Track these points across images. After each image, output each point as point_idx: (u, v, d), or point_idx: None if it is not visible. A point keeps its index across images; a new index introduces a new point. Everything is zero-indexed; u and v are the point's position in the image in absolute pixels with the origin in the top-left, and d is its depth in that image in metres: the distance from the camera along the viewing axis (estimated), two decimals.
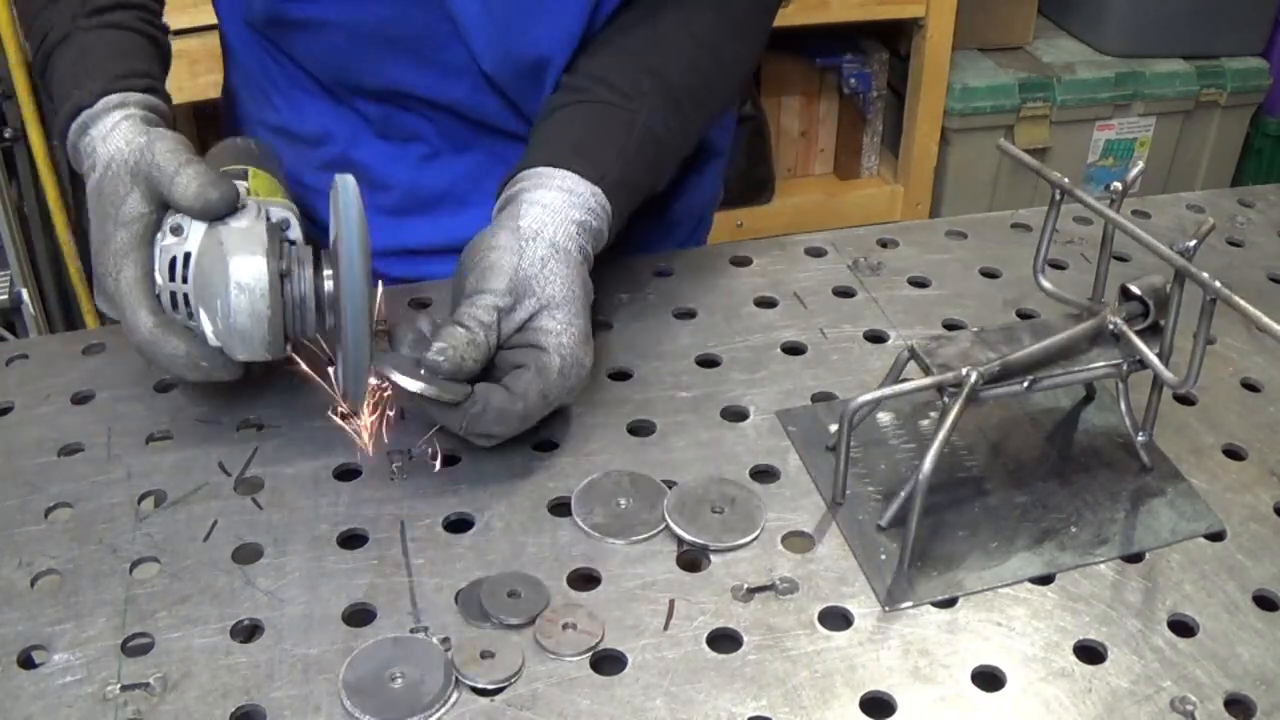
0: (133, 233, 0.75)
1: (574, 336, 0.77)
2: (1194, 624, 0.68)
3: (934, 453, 0.69)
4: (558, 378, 0.76)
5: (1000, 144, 0.87)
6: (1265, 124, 2.64)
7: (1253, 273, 1.02)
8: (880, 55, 2.46)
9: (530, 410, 0.76)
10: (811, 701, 0.63)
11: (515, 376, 0.76)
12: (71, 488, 0.76)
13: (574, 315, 0.78)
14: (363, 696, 0.62)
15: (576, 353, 0.77)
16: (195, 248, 0.74)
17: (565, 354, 0.77)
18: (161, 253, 0.74)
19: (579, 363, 0.78)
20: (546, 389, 0.76)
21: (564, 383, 0.77)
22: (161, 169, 0.74)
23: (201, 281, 0.73)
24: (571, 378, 0.77)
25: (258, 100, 1.02)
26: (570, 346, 0.77)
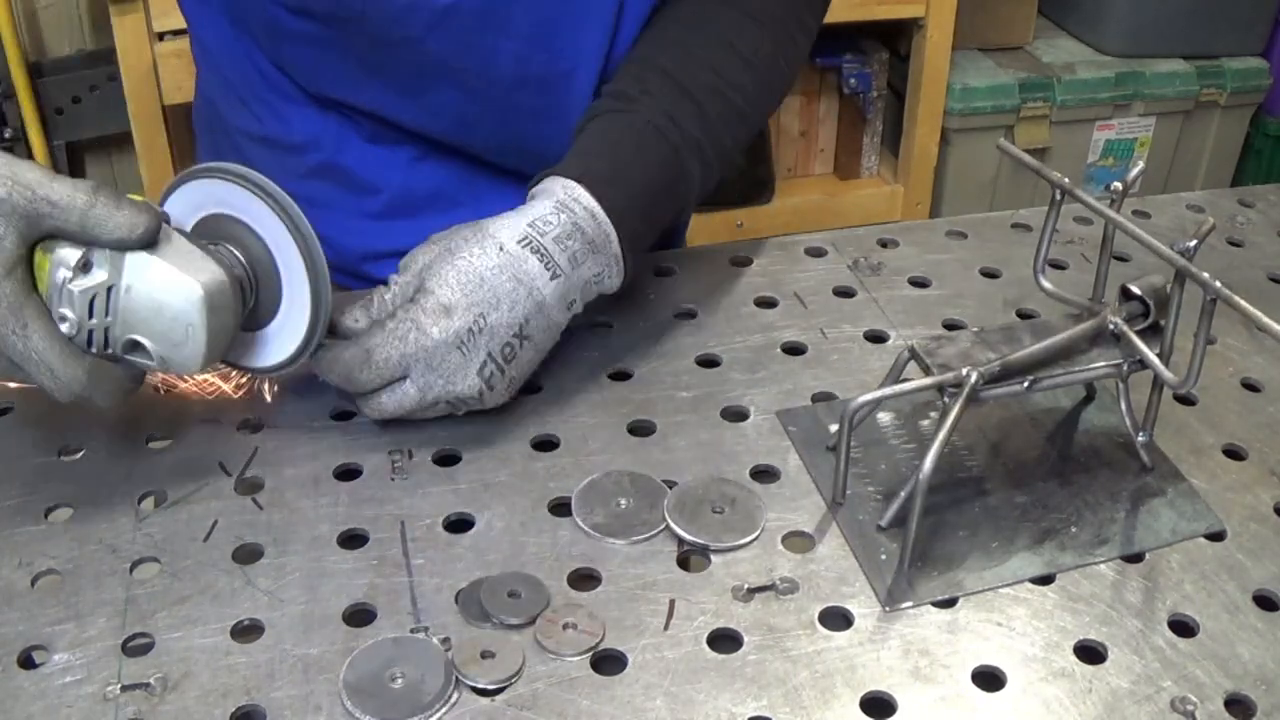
0: (18, 279, 0.66)
1: (423, 304, 0.76)
2: (1194, 624, 0.68)
3: (934, 453, 0.69)
4: (386, 335, 0.75)
5: (1000, 144, 0.87)
6: (1265, 124, 2.64)
7: (1253, 273, 1.02)
8: (880, 55, 2.46)
9: (348, 359, 0.76)
10: (812, 701, 0.63)
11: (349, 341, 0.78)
12: (71, 488, 0.76)
13: (438, 285, 0.76)
14: (363, 696, 0.62)
15: (419, 318, 0.75)
16: (120, 279, 0.69)
17: (406, 316, 0.76)
18: (73, 294, 0.68)
19: (418, 327, 0.75)
20: (371, 344, 0.76)
21: (394, 343, 0.75)
22: (59, 205, 0.66)
23: (141, 311, 0.70)
24: (408, 342, 0.75)
25: (236, 109, 1.01)
26: (414, 311, 0.76)
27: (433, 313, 0.76)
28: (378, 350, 0.76)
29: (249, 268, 0.75)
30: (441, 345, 0.76)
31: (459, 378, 0.77)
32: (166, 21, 1.92)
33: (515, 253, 0.78)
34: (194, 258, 0.71)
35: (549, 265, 0.79)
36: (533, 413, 0.83)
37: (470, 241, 0.78)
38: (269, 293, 0.76)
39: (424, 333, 0.75)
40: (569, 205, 0.81)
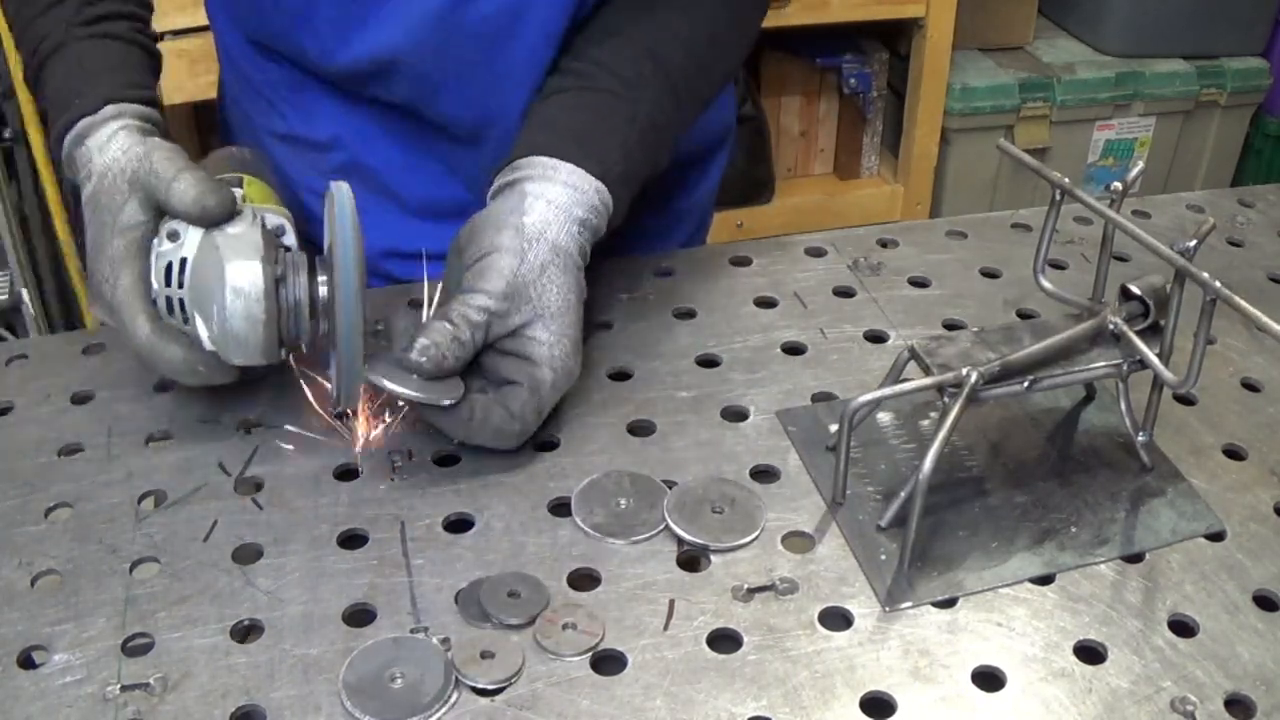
0: (129, 240, 0.75)
1: (565, 348, 0.79)
2: (1194, 624, 0.68)
3: (934, 453, 0.69)
4: (550, 392, 0.78)
5: (1000, 144, 0.87)
6: (1265, 124, 2.64)
7: (1253, 273, 1.02)
8: (880, 55, 2.46)
9: (527, 428, 0.78)
10: (811, 701, 0.63)
11: (511, 395, 0.77)
12: (71, 488, 0.76)
13: (568, 326, 0.79)
14: (363, 696, 0.62)
15: (568, 364, 0.79)
16: (192, 253, 0.74)
17: (558, 366, 0.78)
18: (158, 259, 0.75)
19: (569, 373, 0.79)
20: (541, 405, 0.78)
21: (556, 395, 0.79)
22: (159, 176, 0.75)
23: (197, 286, 0.74)
24: (563, 389, 0.79)
25: (261, 108, 1.01)
26: (562, 359, 0.78)
27: (574, 355, 0.80)
28: (546, 405, 0.79)
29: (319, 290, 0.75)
30: (578, 375, 0.81)
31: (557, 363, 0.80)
32: (167, 21, 1.91)
33: (579, 262, 0.82)
34: (245, 246, 0.73)
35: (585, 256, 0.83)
36: None
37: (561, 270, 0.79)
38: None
39: (573, 375, 0.80)
40: (601, 211, 0.83)
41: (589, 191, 0.82)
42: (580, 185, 0.82)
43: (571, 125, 0.86)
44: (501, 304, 0.77)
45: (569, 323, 0.79)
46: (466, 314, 0.76)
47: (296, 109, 0.99)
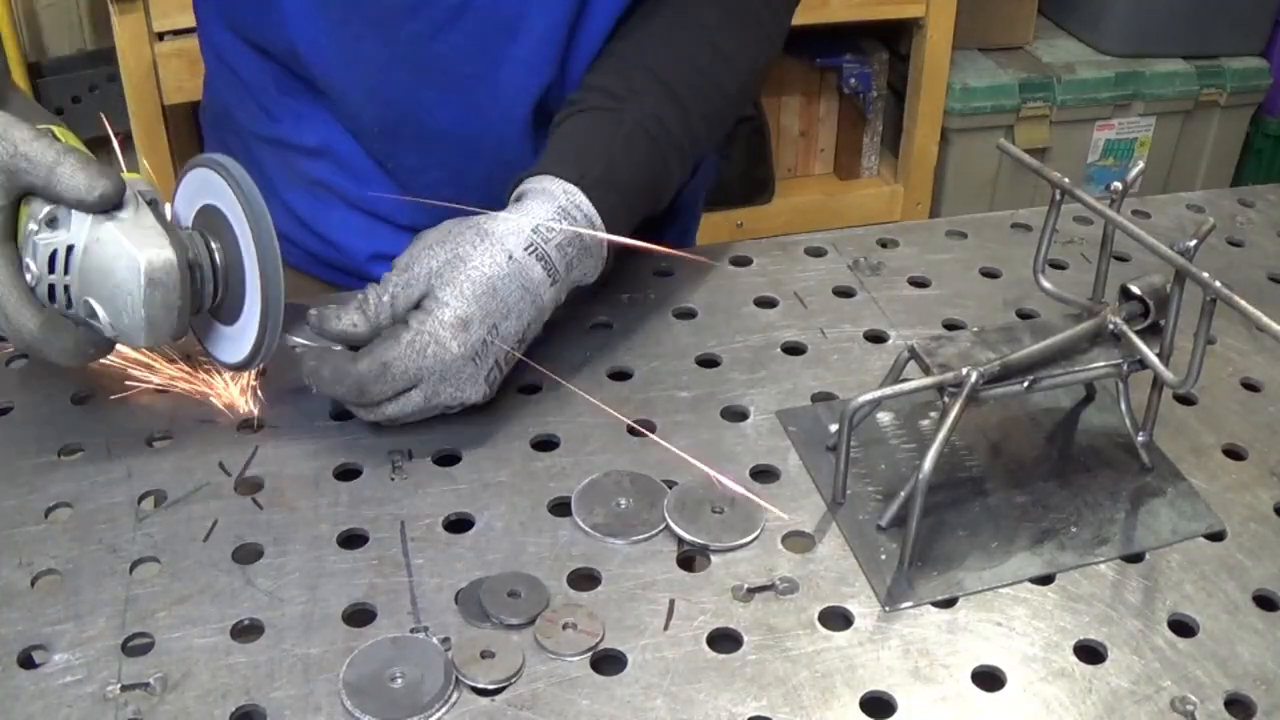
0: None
1: (440, 317, 0.75)
2: (1194, 624, 0.68)
3: (934, 453, 0.69)
4: (404, 349, 0.75)
5: (1000, 144, 0.87)
6: (1265, 124, 2.64)
7: (1253, 273, 1.02)
8: (880, 55, 2.46)
9: (363, 372, 0.75)
10: (811, 701, 0.63)
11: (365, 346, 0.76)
12: (71, 488, 0.76)
13: (455, 297, 0.76)
14: (363, 696, 0.62)
15: (438, 332, 0.75)
16: (80, 240, 0.71)
17: (423, 329, 0.75)
18: (37, 247, 0.72)
19: (437, 341, 0.75)
20: (389, 357, 0.75)
21: (412, 356, 0.75)
22: (32, 160, 0.70)
23: (94, 275, 0.72)
24: (427, 356, 0.75)
25: (248, 107, 1.01)
26: (432, 324, 0.75)
27: (452, 327, 0.76)
28: (396, 364, 0.75)
29: (217, 260, 0.76)
30: (459, 359, 0.76)
31: (469, 386, 0.77)
32: (166, 21, 1.92)
33: (522, 260, 0.78)
34: (150, 233, 0.72)
35: (550, 272, 0.80)
36: (533, 413, 0.83)
37: (479, 249, 0.77)
38: (236, 290, 0.76)
39: (444, 347, 0.75)
40: (570, 212, 0.81)
41: (556, 194, 0.81)
42: (549, 189, 0.81)
43: (556, 147, 0.86)
44: (401, 275, 0.77)
45: (459, 294, 0.76)
46: (371, 287, 0.77)
47: (285, 112, 0.99)
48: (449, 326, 0.76)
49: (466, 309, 0.76)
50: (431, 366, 0.76)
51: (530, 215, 0.80)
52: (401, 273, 0.77)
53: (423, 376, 0.76)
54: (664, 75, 0.90)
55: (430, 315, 0.76)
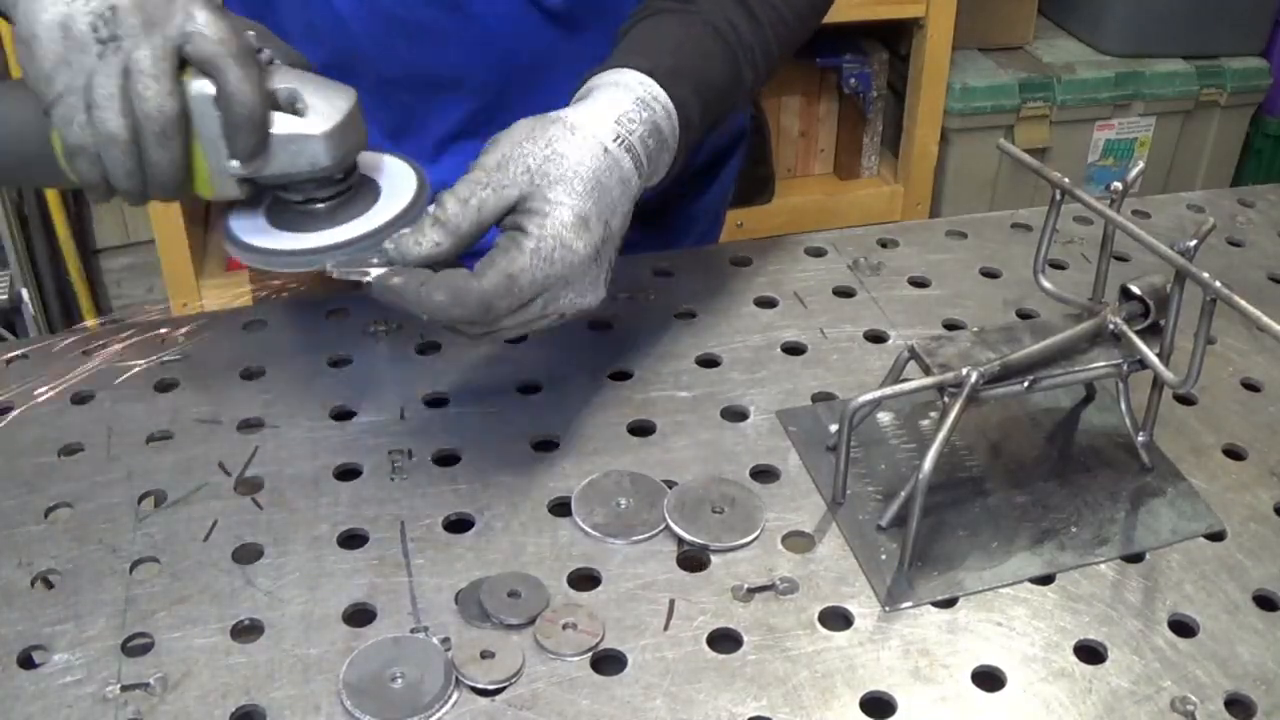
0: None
1: (560, 218, 0.70)
2: (1194, 624, 0.68)
3: (934, 453, 0.69)
4: (529, 257, 0.69)
5: (1000, 144, 0.87)
6: (1265, 124, 2.64)
7: (1253, 273, 1.02)
8: (880, 55, 2.46)
9: (489, 290, 0.68)
10: (812, 701, 0.63)
11: (484, 260, 0.70)
12: (71, 488, 0.76)
13: (567, 194, 0.70)
14: (363, 696, 0.62)
15: (561, 234, 0.69)
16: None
17: (544, 233, 0.69)
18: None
19: (563, 244, 0.69)
20: (515, 269, 0.69)
21: (539, 265, 0.69)
22: None
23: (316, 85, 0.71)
24: (556, 263, 0.70)
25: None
26: (554, 226, 0.69)
27: (574, 227, 0.70)
28: (523, 275, 0.68)
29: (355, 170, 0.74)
30: (585, 260, 0.71)
31: (590, 290, 0.72)
32: None
33: (616, 153, 0.73)
34: None
35: (638, 165, 0.75)
36: (533, 413, 0.83)
37: (574, 144, 0.72)
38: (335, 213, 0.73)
39: (570, 249, 0.70)
40: (649, 103, 0.76)
41: (631, 84, 0.76)
42: (622, 80, 0.76)
43: (622, 46, 0.83)
44: (495, 174, 0.70)
45: (570, 191, 0.70)
46: (455, 192, 0.70)
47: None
48: (571, 227, 0.70)
49: (583, 206, 0.71)
50: (560, 272, 0.70)
51: (611, 106, 0.75)
52: (492, 173, 0.71)
53: (550, 284, 0.70)
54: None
55: (547, 217, 0.70)
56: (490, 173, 0.70)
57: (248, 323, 0.92)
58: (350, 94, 0.71)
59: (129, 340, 0.89)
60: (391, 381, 0.86)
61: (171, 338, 0.90)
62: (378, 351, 0.89)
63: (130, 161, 0.67)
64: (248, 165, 0.69)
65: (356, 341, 0.90)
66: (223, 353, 0.88)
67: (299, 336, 0.90)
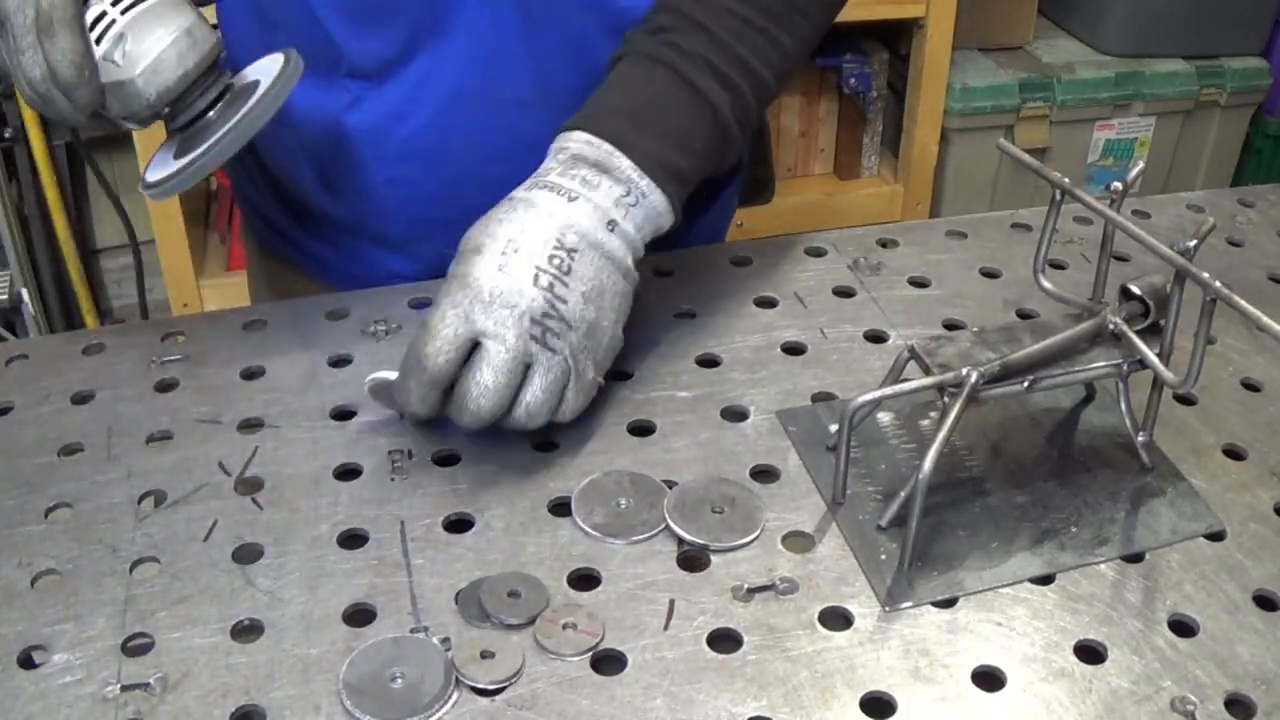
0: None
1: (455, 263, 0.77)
2: (1194, 624, 0.68)
3: (934, 453, 0.69)
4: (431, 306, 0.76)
5: (1000, 144, 0.87)
6: (1265, 124, 2.64)
7: (1253, 273, 1.02)
8: (880, 55, 2.46)
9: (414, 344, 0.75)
10: (811, 701, 0.63)
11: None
12: (71, 488, 0.76)
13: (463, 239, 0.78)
14: (363, 696, 0.62)
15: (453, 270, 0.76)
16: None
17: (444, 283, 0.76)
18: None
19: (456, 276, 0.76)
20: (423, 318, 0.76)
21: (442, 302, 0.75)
22: None
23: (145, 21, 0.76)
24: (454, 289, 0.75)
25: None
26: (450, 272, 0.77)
27: (466, 258, 0.76)
28: (431, 315, 0.75)
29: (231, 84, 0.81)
30: (483, 276, 0.75)
31: (518, 297, 0.74)
32: None
33: (523, 196, 0.79)
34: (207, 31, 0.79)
35: (560, 192, 0.78)
36: None
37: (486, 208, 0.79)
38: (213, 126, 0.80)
39: (465, 275, 0.75)
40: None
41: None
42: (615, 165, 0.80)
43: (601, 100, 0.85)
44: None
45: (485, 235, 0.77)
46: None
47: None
48: (463, 259, 0.77)
49: (475, 239, 0.77)
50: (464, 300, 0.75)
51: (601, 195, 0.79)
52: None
53: (464, 316, 0.74)
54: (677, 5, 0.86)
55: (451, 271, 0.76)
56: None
57: (248, 323, 0.92)
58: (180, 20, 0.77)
59: (129, 340, 0.89)
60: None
61: (171, 338, 0.90)
62: (378, 351, 0.89)
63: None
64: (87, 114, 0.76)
65: (356, 341, 0.90)
66: (223, 353, 0.88)
67: (299, 336, 0.90)
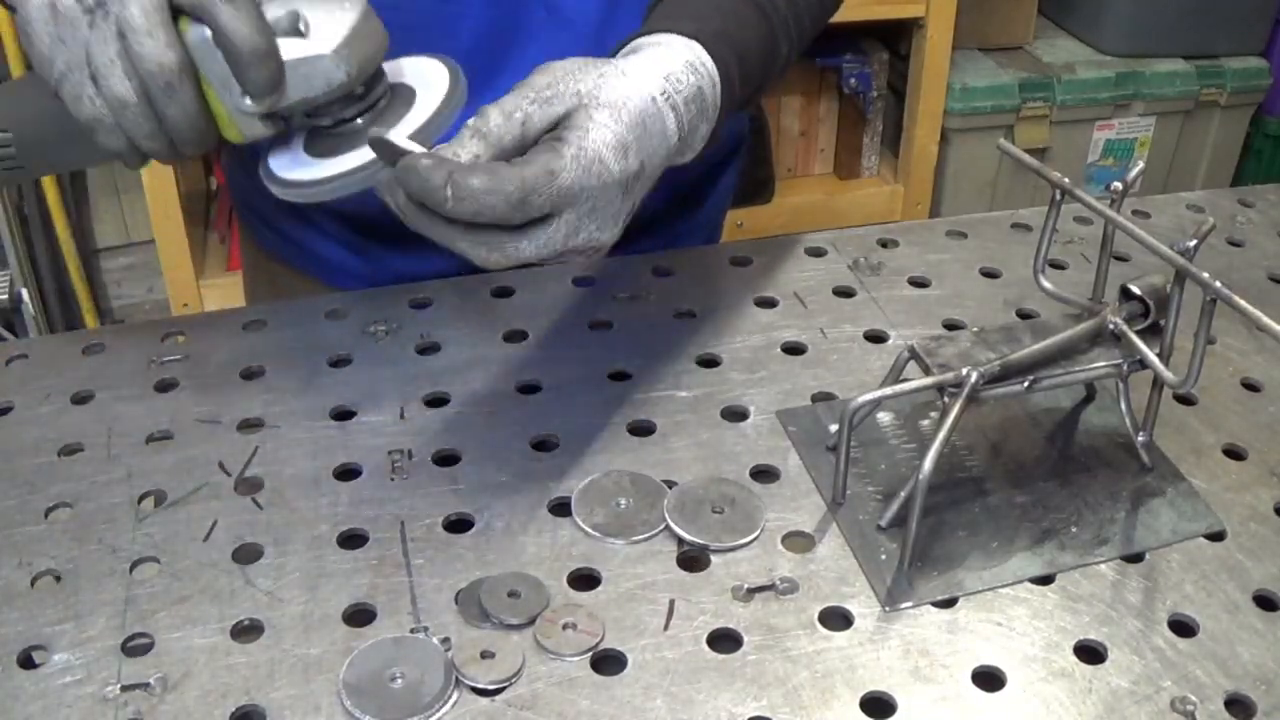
0: None
1: (602, 137, 0.67)
2: (1194, 624, 0.68)
3: (934, 453, 0.69)
4: (569, 161, 0.66)
5: (1000, 144, 0.87)
6: (1265, 124, 2.64)
7: (1253, 273, 1.02)
8: (880, 55, 2.46)
9: (529, 177, 0.65)
10: (811, 701, 0.63)
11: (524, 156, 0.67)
12: (71, 488, 0.76)
13: (612, 119, 0.68)
14: (363, 696, 0.62)
15: (601, 151, 0.67)
16: None
17: (585, 145, 0.67)
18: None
19: (600, 160, 0.67)
20: (555, 166, 0.65)
21: (578, 171, 0.66)
22: None
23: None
24: (591, 174, 0.67)
25: None
26: (594, 143, 0.67)
27: (613, 149, 0.68)
28: (563, 174, 0.66)
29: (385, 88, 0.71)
30: (616, 185, 0.69)
31: (609, 223, 0.70)
32: None
33: (661, 107, 0.72)
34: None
35: (679, 127, 0.74)
36: (533, 413, 0.83)
37: (624, 83, 0.71)
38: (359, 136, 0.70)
39: (606, 167, 0.67)
40: (696, 67, 0.75)
41: (678, 48, 0.74)
42: (667, 43, 0.75)
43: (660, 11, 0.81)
44: (544, 92, 0.69)
45: (621, 120, 0.68)
46: (499, 104, 0.68)
47: None
48: (611, 148, 0.68)
49: (625, 134, 0.69)
50: (593, 187, 0.67)
51: (658, 64, 0.73)
52: (541, 90, 0.69)
53: (579, 199, 0.67)
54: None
55: (589, 133, 0.67)
56: (539, 90, 0.69)
57: (248, 323, 0.92)
58: (358, 1, 0.68)
59: (129, 340, 0.89)
60: (391, 381, 0.86)
61: (171, 338, 0.90)
62: (378, 351, 0.89)
63: (148, 123, 0.66)
64: (263, 100, 0.67)
65: (356, 341, 0.90)
66: (223, 353, 0.88)
67: (299, 336, 0.90)
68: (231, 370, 0.87)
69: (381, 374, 0.86)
